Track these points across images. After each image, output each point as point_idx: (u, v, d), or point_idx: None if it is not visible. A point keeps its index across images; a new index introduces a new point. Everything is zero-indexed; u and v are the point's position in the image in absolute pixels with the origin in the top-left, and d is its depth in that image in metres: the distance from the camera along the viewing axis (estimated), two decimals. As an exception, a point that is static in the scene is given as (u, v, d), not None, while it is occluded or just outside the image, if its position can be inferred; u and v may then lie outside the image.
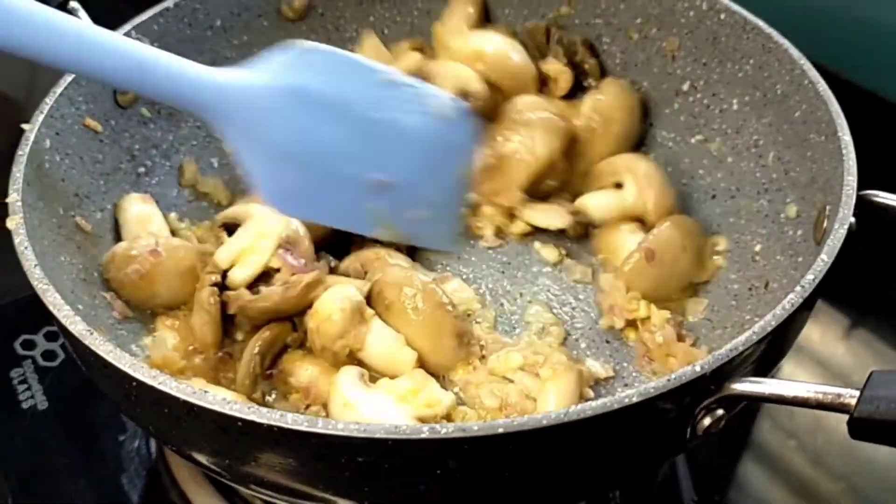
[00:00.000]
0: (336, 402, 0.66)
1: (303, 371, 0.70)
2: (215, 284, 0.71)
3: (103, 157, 0.79)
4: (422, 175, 0.78)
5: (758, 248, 0.77)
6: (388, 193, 0.75)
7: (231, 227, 0.77)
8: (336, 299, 0.69)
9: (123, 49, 0.66)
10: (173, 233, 0.81)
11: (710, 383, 0.54)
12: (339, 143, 0.73)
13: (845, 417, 0.52)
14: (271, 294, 0.70)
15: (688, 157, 0.86)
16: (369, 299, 0.72)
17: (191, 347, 0.71)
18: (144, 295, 0.73)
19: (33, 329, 0.87)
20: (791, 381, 0.54)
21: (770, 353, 0.58)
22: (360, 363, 0.69)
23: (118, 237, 0.78)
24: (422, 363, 0.70)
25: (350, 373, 0.67)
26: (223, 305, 0.71)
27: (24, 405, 0.81)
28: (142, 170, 0.83)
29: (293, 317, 0.72)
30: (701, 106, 0.86)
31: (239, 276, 0.72)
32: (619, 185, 0.84)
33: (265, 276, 0.73)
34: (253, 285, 0.72)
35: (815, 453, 0.79)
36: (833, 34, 0.97)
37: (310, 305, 0.71)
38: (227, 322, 0.72)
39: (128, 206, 0.79)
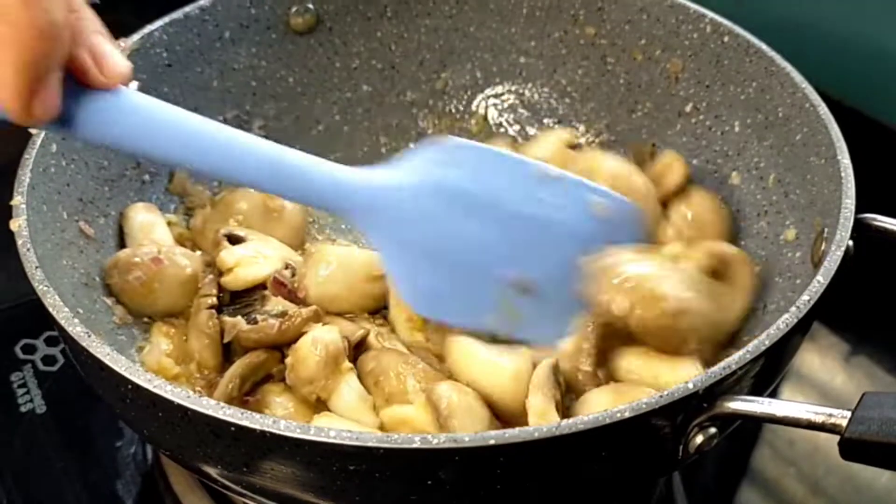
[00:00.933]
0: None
1: (279, 405, 0.68)
2: (212, 307, 0.71)
3: (108, 164, 0.80)
4: (567, 274, 0.71)
5: (756, 269, 0.77)
6: (529, 294, 0.70)
7: (233, 239, 0.77)
8: (315, 344, 0.67)
9: (258, 154, 0.63)
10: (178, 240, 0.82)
11: (702, 401, 0.54)
12: (485, 242, 0.69)
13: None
14: (268, 327, 0.70)
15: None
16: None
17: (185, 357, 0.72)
18: (145, 302, 0.74)
19: (34, 334, 0.88)
20: (784, 400, 0.54)
21: (765, 372, 0.58)
22: (328, 409, 0.68)
23: (121, 243, 0.79)
24: None
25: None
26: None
27: (23, 409, 0.82)
28: (146, 177, 0.84)
29: (283, 347, 0.71)
30: (703, 127, 0.86)
31: (241, 275, 0.73)
32: None
33: (254, 291, 0.74)
34: (244, 294, 0.73)
35: (814, 481, 0.79)
36: (835, 61, 0.97)
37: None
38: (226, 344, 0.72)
39: (133, 215, 0.79)
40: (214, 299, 0.71)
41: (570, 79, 0.94)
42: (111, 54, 0.56)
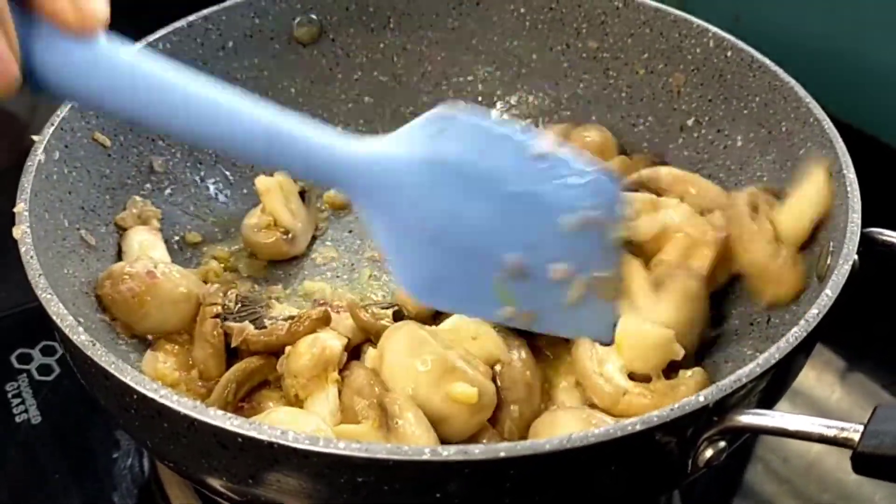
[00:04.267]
0: None
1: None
2: (217, 316, 0.71)
3: (110, 172, 0.79)
4: (562, 254, 0.68)
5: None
6: (524, 277, 0.67)
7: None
8: (315, 343, 0.67)
9: (248, 117, 0.59)
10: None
11: (713, 414, 0.54)
12: (479, 221, 0.66)
13: (839, 461, 0.51)
14: (277, 329, 0.69)
15: (692, 192, 0.87)
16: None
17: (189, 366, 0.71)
18: (135, 316, 0.71)
19: (30, 343, 0.87)
20: (795, 414, 0.53)
21: (773, 386, 0.58)
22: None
23: (122, 254, 0.78)
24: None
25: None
26: (226, 337, 0.71)
27: (18, 419, 0.81)
28: (148, 186, 0.83)
29: (280, 355, 0.70)
30: (706, 142, 0.87)
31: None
32: None
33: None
34: (250, 303, 0.73)
35: (809, 498, 0.79)
36: (832, 78, 0.98)
37: None
38: (231, 354, 0.71)
39: (132, 235, 0.79)
40: (220, 308, 0.71)
41: (573, 92, 0.94)
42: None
